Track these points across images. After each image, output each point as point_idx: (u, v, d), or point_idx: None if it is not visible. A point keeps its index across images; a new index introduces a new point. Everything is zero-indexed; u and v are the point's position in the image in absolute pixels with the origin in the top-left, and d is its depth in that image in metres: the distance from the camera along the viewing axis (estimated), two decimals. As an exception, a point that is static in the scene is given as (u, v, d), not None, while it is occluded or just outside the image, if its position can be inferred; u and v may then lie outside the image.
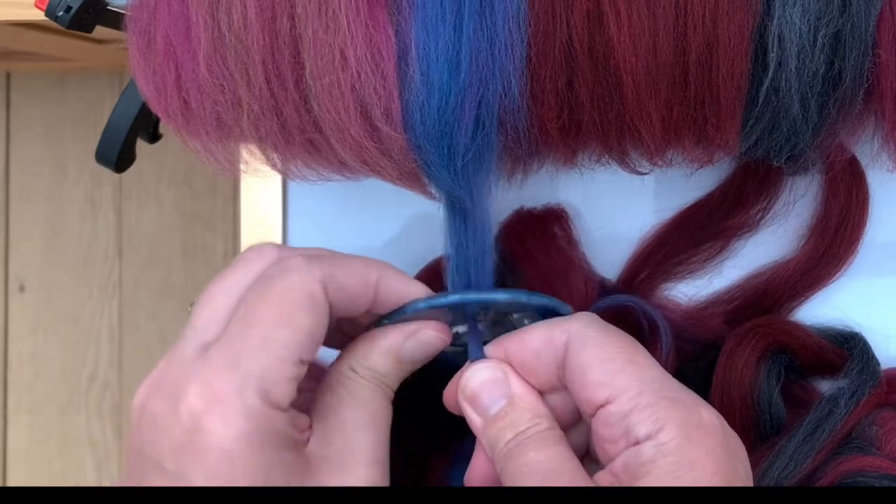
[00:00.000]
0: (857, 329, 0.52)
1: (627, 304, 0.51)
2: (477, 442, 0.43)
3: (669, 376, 0.41)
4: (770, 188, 0.53)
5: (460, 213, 0.44)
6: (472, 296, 0.43)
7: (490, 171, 0.45)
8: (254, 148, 0.46)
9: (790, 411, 0.51)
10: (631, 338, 0.42)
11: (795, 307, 0.54)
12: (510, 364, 0.43)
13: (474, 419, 0.43)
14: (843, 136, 0.45)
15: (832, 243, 0.52)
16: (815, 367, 0.52)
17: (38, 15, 0.53)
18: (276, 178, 0.56)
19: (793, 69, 0.41)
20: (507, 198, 0.54)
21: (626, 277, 0.54)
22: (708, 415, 0.40)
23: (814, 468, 0.48)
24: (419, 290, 0.43)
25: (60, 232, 1.45)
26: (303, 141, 0.43)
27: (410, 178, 0.43)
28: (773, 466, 0.47)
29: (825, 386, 0.53)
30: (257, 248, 0.42)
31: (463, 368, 0.43)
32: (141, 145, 0.59)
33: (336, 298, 0.41)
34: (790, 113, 0.42)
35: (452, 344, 0.44)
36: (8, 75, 1.44)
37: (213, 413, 0.38)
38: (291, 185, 0.57)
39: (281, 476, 0.39)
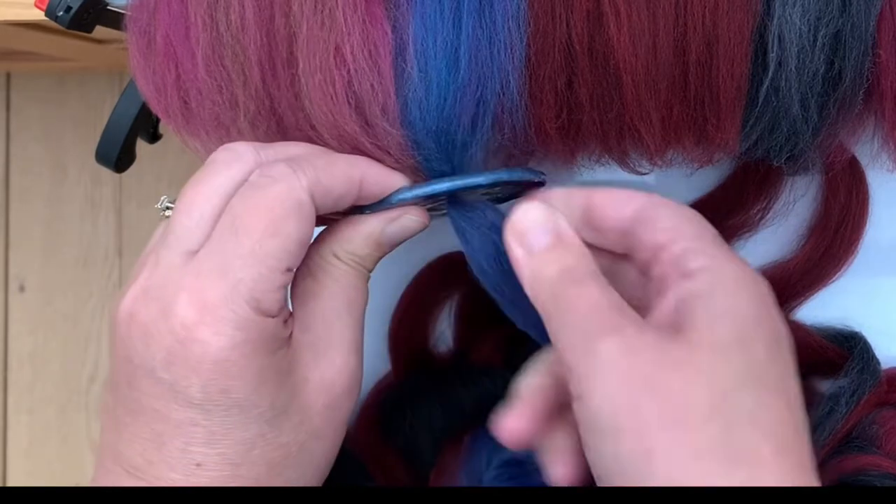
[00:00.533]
0: (857, 329, 0.52)
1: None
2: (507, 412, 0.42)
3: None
4: (770, 188, 0.53)
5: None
6: (456, 182, 0.43)
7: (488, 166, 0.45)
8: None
9: (790, 411, 0.51)
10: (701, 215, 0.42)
11: (795, 307, 0.54)
12: (592, 208, 0.42)
13: (518, 253, 0.42)
14: (843, 136, 0.45)
15: (832, 243, 0.52)
16: (816, 366, 0.52)
17: (38, 15, 0.53)
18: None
19: (793, 69, 0.41)
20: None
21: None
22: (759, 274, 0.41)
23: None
24: (401, 180, 0.43)
25: (60, 232, 1.45)
26: (300, 139, 0.43)
27: (410, 174, 0.44)
28: (774, 466, 0.47)
29: (825, 385, 0.53)
30: (231, 149, 0.42)
31: (515, 206, 0.43)
32: (141, 145, 0.59)
33: (322, 203, 0.41)
34: (790, 113, 0.42)
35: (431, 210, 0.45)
36: (8, 75, 1.44)
37: (204, 323, 0.39)
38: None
39: (272, 377, 0.40)
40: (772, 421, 0.37)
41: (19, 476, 1.42)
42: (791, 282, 0.53)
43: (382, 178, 0.43)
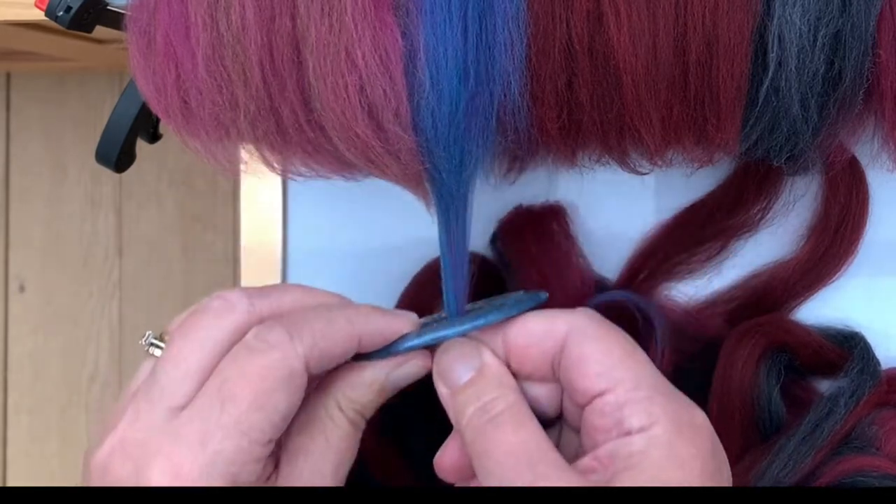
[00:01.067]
0: (857, 329, 0.52)
1: (623, 300, 0.51)
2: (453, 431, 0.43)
3: (663, 377, 0.41)
4: (770, 188, 0.53)
5: (454, 213, 0.44)
6: (465, 326, 0.42)
7: (489, 172, 0.45)
8: (252, 148, 0.46)
9: (790, 411, 0.51)
10: (629, 336, 0.42)
11: (795, 307, 0.54)
12: (508, 350, 0.42)
13: (443, 391, 0.42)
14: (843, 136, 0.45)
15: (832, 243, 0.52)
16: (816, 366, 0.52)
17: (38, 15, 0.53)
18: (276, 178, 0.56)
19: (793, 69, 0.41)
20: (506, 196, 0.54)
21: (626, 277, 0.54)
22: (700, 416, 0.40)
23: (813, 467, 0.48)
24: (405, 325, 0.43)
25: (60, 232, 1.45)
26: (301, 141, 0.43)
27: (414, 179, 0.43)
28: (773, 465, 0.47)
29: (825, 385, 0.53)
30: (224, 298, 0.41)
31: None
32: (141, 145, 0.59)
33: (318, 367, 0.40)
34: (790, 113, 0.42)
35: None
36: (8, 75, 1.44)
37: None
38: (291, 184, 0.57)
39: None
40: None
41: (19, 476, 1.42)
42: (791, 282, 0.53)
43: (385, 328, 0.42)
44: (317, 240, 0.57)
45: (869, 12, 0.41)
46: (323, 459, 0.42)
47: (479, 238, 0.55)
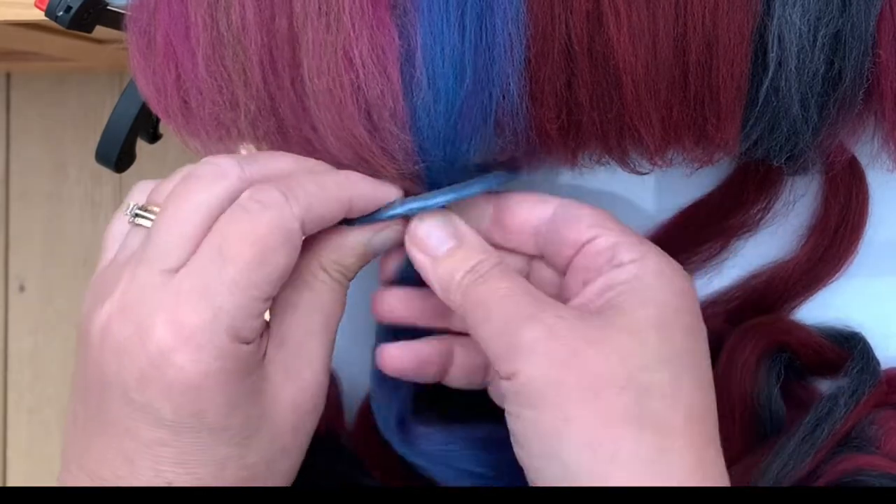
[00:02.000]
0: (859, 327, 0.52)
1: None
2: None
3: None
4: (770, 188, 0.53)
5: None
6: (448, 196, 0.43)
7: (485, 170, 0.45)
8: (253, 148, 0.46)
9: (790, 410, 0.51)
10: None
11: (795, 307, 0.54)
12: (502, 212, 0.45)
13: (422, 261, 0.44)
14: (843, 136, 0.45)
15: (832, 243, 0.52)
16: (816, 366, 0.52)
17: (38, 15, 0.53)
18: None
19: (793, 69, 0.41)
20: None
21: (626, 277, 0.54)
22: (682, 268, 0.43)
23: (813, 467, 0.48)
24: (391, 193, 0.44)
25: (60, 232, 1.45)
26: (300, 140, 0.43)
27: (409, 178, 0.43)
28: (773, 465, 0.47)
29: (825, 385, 0.53)
30: (215, 164, 0.41)
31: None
32: (141, 145, 0.59)
33: (311, 228, 0.41)
34: (790, 113, 0.42)
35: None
36: (8, 75, 1.44)
37: (181, 351, 0.38)
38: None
39: (244, 401, 0.40)
40: (684, 396, 0.40)
41: (19, 476, 1.42)
42: (791, 282, 0.53)
43: (373, 194, 0.43)
44: (317, 240, 0.57)
45: (869, 12, 0.41)
46: (310, 313, 0.43)
47: None
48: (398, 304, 0.47)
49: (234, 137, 0.44)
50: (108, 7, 0.53)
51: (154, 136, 0.60)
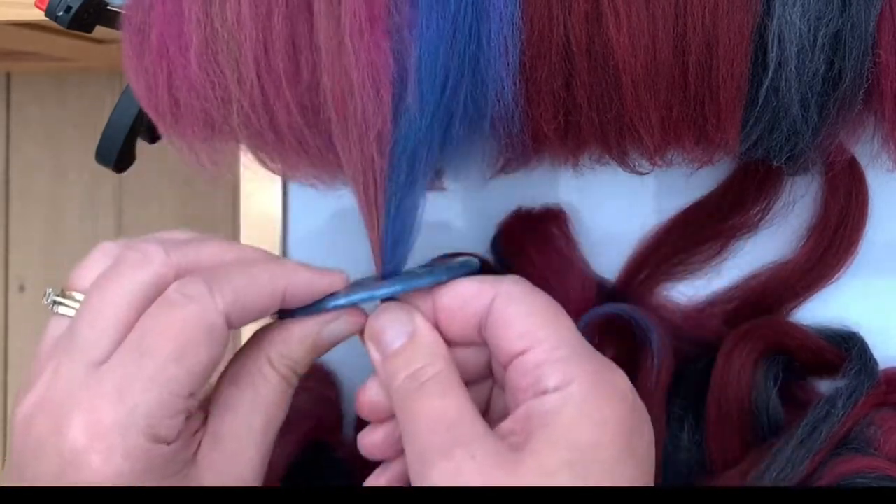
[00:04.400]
0: (855, 329, 0.52)
1: (621, 314, 0.51)
2: (372, 375, 0.43)
3: (586, 341, 0.41)
4: (770, 188, 0.53)
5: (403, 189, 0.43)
6: (394, 287, 0.43)
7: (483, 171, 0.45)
8: (244, 147, 0.46)
9: (789, 411, 0.51)
10: (555, 301, 0.42)
11: (795, 307, 0.54)
12: (436, 312, 0.43)
13: (373, 356, 0.42)
14: (843, 136, 0.45)
15: (832, 244, 0.52)
16: (814, 367, 0.52)
17: (38, 15, 0.53)
18: (277, 179, 0.56)
19: (793, 69, 0.41)
20: (506, 198, 0.54)
21: (625, 278, 0.54)
22: (621, 379, 0.40)
23: (811, 470, 0.48)
24: (334, 282, 0.43)
25: (60, 232, 1.45)
26: (292, 140, 0.43)
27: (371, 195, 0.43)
28: (771, 468, 0.47)
29: (824, 386, 0.53)
30: (139, 251, 0.41)
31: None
32: (141, 145, 0.59)
33: (239, 320, 0.40)
34: (790, 113, 0.42)
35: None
36: (8, 75, 1.44)
37: (94, 451, 0.38)
38: (291, 185, 0.57)
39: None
40: None
41: (19, 476, 1.42)
42: (790, 282, 0.53)
43: (310, 284, 0.42)
44: (317, 240, 0.57)
45: (869, 12, 0.41)
46: (251, 414, 0.42)
47: (479, 240, 0.55)
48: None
49: (226, 136, 0.44)
50: (108, 7, 0.52)
51: (154, 136, 0.59)
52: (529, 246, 0.54)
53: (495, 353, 0.41)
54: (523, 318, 0.41)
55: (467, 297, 0.42)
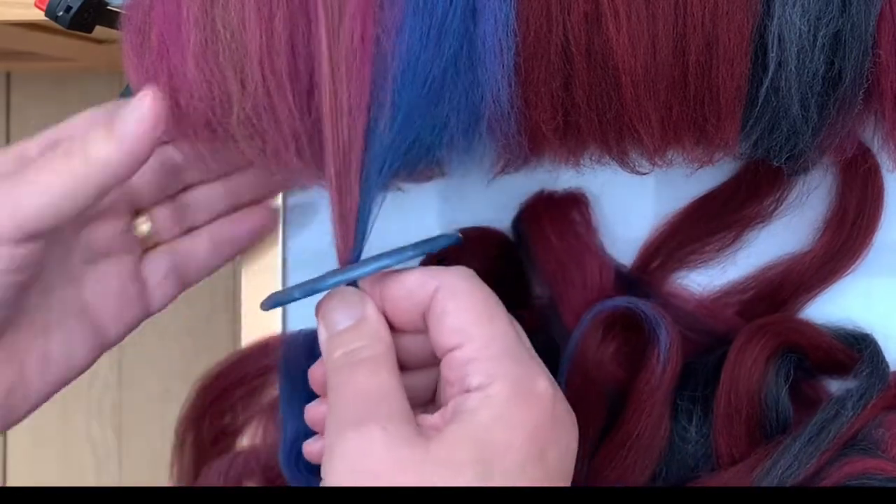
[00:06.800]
0: (869, 327, 0.52)
1: (632, 307, 0.51)
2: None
3: (524, 342, 0.42)
4: (783, 180, 0.53)
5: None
6: (382, 262, 0.43)
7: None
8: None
9: (799, 409, 0.50)
10: (498, 300, 0.42)
11: (810, 300, 0.53)
12: (383, 300, 0.43)
13: (320, 333, 0.43)
14: (843, 136, 0.45)
15: (849, 236, 0.52)
16: (825, 366, 0.52)
17: (38, 15, 0.53)
18: (276, 179, 0.56)
19: (793, 69, 0.41)
20: (530, 180, 0.54)
21: (640, 265, 0.54)
22: (545, 385, 0.40)
23: (817, 470, 0.48)
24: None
25: (60, 232, 1.45)
26: (291, 140, 0.43)
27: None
28: (777, 466, 0.47)
29: (835, 385, 0.53)
30: None
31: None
32: (141, 145, 0.59)
33: None
34: (790, 113, 0.42)
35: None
36: (8, 75, 1.44)
37: None
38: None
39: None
40: None
41: (19, 476, 1.42)
42: (807, 274, 0.53)
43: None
44: (317, 240, 0.57)
45: (869, 12, 0.41)
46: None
47: (502, 216, 0.55)
48: None
49: (222, 138, 0.44)
50: (108, 7, 0.52)
51: (154, 137, 0.59)
52: (548, 228, 0.53)
53: (434, 345, 0.42)
54: (460, 313, 0.41)
55: (411, 286, 0.42)
